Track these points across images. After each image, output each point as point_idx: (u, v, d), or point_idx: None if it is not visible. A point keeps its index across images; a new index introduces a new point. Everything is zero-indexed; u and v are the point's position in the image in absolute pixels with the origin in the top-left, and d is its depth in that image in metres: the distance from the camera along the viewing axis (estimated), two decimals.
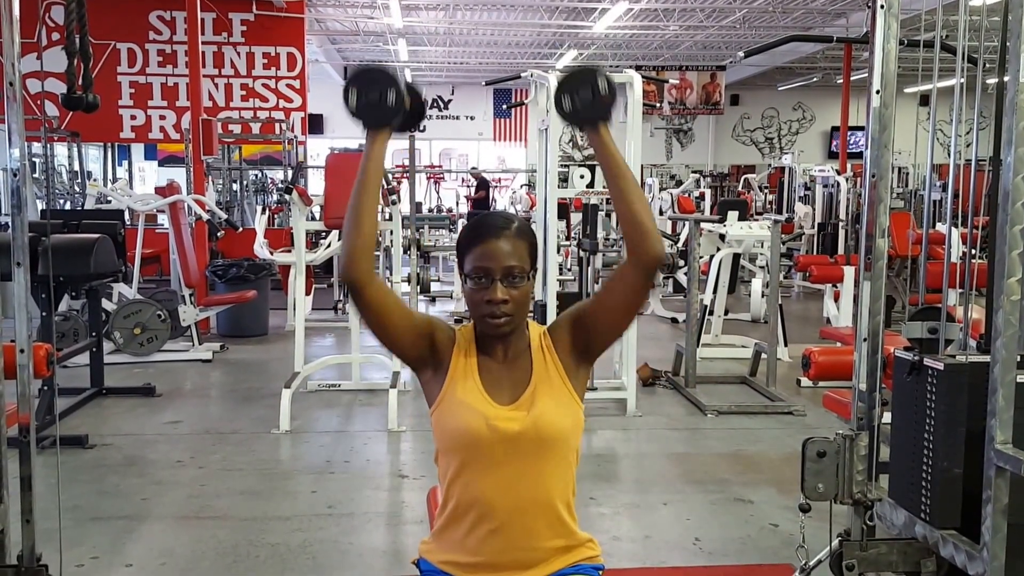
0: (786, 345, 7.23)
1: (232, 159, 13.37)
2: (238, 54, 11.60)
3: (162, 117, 11.33)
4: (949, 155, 3.47)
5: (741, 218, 7.43)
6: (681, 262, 8.67)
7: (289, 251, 7.77)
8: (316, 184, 14.76)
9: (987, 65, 2.88)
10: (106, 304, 6.94)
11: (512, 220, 1.90)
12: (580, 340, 1.90)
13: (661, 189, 13.79)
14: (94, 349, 6.04)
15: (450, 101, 22.40)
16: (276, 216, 12.66)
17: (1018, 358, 2.26)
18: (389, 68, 1.79)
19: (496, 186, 18.79)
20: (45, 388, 4.99)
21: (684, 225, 8.53)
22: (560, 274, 8.82)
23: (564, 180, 6.66)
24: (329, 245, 8.51)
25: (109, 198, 9.52)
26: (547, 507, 1.85)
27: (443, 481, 1.91)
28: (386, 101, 1.74)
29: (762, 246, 8.11)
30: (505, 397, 1.86)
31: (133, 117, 11.29)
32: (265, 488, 4.39)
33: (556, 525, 1.87)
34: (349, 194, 1.83)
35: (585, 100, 1.76)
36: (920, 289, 4.07)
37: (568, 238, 10.61)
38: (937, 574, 2.75)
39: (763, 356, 6.48)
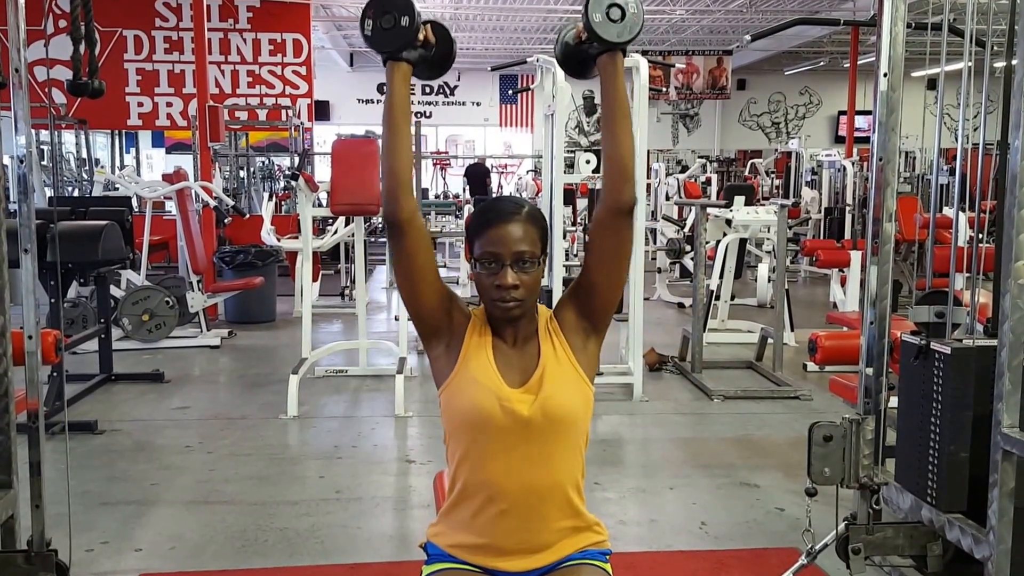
0: (792, 330, 7.23)
1: (239, 146, 13.38)
2: (244, 41, 11.59)
3: (169, 104, 11.32)
4: (956, 139, 3.45)
5: (747, 203, 7.40)
6: (688, 247, 8.67)
7: (296, 237, 7.80)
8: (323, 171, 14.79)
9: (995, 48, 2.86)
10: (114, 291, 6.96)
11: (523, 205, 1.89)
12: (583, 310, 1.90)
13: (667, 174, 13.76)
14: (103, 335, 6.06)
15: (456, 87, 22.34)
16: (283, 203, 12.71)
17: None
18: None
19: (502, 172, 18.74)
20: (54, 374, 5.01)
21: (690, 210, 8.51)
22: (566, 259, 8.82)
23: (570, 166, 6.65)
24: (336, 231, 8.53)
25: (116, 185, 9.54)
26: (556, 489, 1.85)
27: (451, 462, 1.91)
28: (399, 24, 1.70)
29: (768, 231, 8.09)
30: (516, 380, 1.85)
31: (140, 104, 11.28)
32: (273, 473, 4.41)
33: (565, 507, 1.88)
34: (355, 181, 1.84)
35: (615, 16, 1.72)
36: (927, 273, 4.07)
37: (574, 223, 10.60)
38: (943, 558, 2.76)
39: (769, 341, 6.47)
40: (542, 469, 1.84)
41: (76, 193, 12.24)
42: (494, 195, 15.37)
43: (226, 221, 8.90)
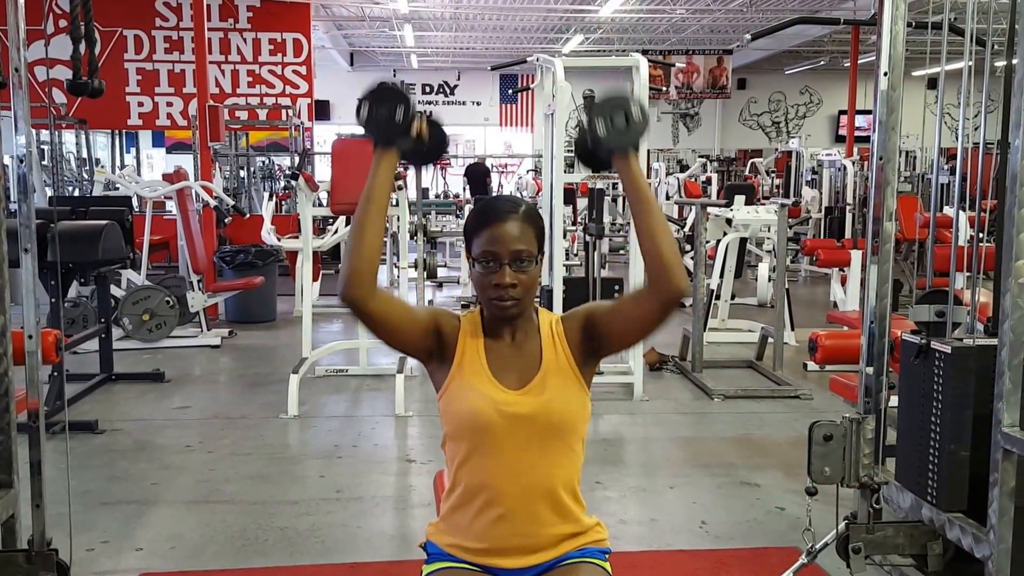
0: (793, 329, 7.22)
1: (239, 146, 13.38)
2: (244, 40, 11.59)
3: (169, 104, 11.32)
4: (957, 138, 3.45)
5: (748, 202, 7.40)
6: (688, 246, 8.67)
7: (296, 237, 7.80)
8: (323, 170, 14.78)
9: (996, 47, 2.86)
10: (115, 290, 6.96)
11: (520, 204, 1.89)
12: (589, 341, 1.89)
13: (668, 174, 13.77)
14: (103, 335, 6.06)
15: (456, 87, 22.35)
16: (283, 202, 12.70)
17: None
18: (403, 88, 1.80)
19: (503, 171, 18.74)
20: (54, 374, 5.01)
21: (691, 210, 8.52)
22: (567, 259, 8.82)
23: (570, 165, 6.64)
24: (336, 231, 8.53)
25: (117, 185, 9.54)
26: (552, 493, 1.86)
27: (450, 466, 1.91)
28: (394, 118, 1.73)
29: (769, 230, 8.09)
30: (513, 381, 1.86)
31: (140, 104, 11.28)
32: (274, 472, 4.41)
33: (562, 512, 1.88)
34: (355, 181, 1.83)
35: (619, 126, 1.72)
36: (927, 272, 4.07)
37: (574, 223, 10.60)
38: (944, 557, 2.76)
39: (770, 340, 6.47)
40: (539, 474, 1.84)
41: (76, 193, 12.24)
42: (494, 195, 15.34)
43: (226, 221, 8.90)
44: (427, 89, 22.29)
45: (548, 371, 1.86)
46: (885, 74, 2.79)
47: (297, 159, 11.41)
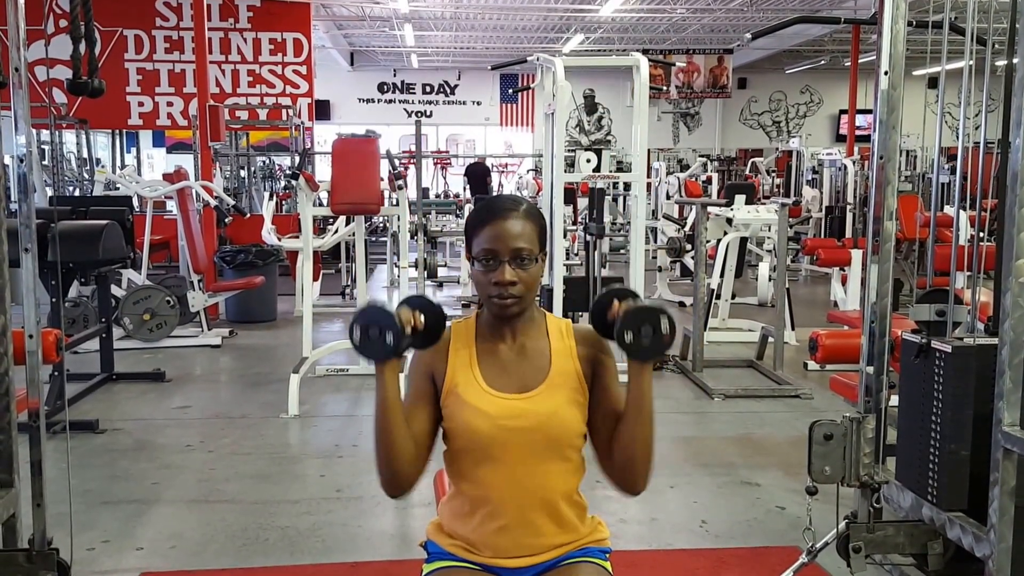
0: (793, 329, 7.22)
1: (239, 145, 13.38)
2: (244, 40, 11.59)
3: (169, 104, 11.32)
4: (957, 137, 3.45)
5: (748, 202, 7.40)
6: (688, 246, 8.67)
7: (297, 237, 7.80)
8: (323, 170, 14.78)
9: (996, 46, 2.86)
10: (115, 290, 6.96)
11: (520, 202, 1.87)
12: (589, 383, 1.90)
13: (668, 173, 13.75)
14: (104, 335, 6.06)
15: (456, 86, 22.35)
16: (284, 202, 12.71)
17: None
18: (388, 308, 1.80)
19: (503, 171, 18.73)
20: (55, 373, 5.01)
21: (691, 209, 8.51)
22: (567, 259, 8.82)
23: (571, 165, 6.65)
24: (336, 231, 8.53)
25: (117, 185, 9.54)
26: (551, 504, 1.85)
27: (451, 474, 1.90)
28: (384, 340, 1.78)
29: (769, 230, 8.08)
30: (513, 386, 1.84)
31: (141, 104, 11.29)
32: (274, 472, 4.41)
33: (561, 522, 1.87)
34: (355, 180, 1.82)
35: (646, 336, 1.79)
36: (928, 272, 4.07)
37: (575, 223, 10.60)
38: (944, 556, 2.76)
39: (770, 340, 6.47)
40: (539, 483, 1.83)
41: (77, 193, 12.24)
42: (494, 194, 15.31)
43: (227, 221, 8.89)
44: (427, 89, 22.29)
45: (555, 377, 1.85)
46: (886, 73, 2.79)
47: (297, 159, 11.40)
